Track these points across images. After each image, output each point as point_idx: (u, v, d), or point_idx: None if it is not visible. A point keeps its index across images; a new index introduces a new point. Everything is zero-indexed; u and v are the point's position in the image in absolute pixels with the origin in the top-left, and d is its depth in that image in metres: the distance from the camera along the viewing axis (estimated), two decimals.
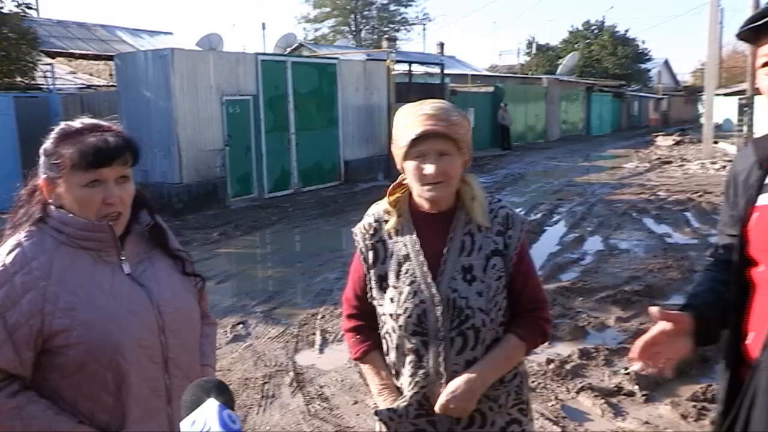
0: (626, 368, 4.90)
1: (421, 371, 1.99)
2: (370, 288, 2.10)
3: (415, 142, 1.92)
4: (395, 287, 2.02)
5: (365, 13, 51.09)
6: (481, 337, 1.97)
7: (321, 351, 5.66)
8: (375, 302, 2.10)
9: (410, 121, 1.95)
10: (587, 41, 53.00)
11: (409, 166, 1.97)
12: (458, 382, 1.93)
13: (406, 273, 2.01)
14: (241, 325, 6.25)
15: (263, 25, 43.49)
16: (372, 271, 2.09)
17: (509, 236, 2.02)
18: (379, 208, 2.14)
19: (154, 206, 1.99)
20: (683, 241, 9.61)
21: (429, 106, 1.97)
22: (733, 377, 1.79)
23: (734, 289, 1.80)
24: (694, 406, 4.36)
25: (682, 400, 4.47)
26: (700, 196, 13.75)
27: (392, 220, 2.07)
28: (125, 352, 1.74)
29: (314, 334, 6.02)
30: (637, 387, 4.62)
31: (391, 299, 2.03)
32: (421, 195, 2.00)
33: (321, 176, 16.38)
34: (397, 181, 2.10)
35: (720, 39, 38.04)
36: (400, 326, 2.00)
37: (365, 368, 2.16)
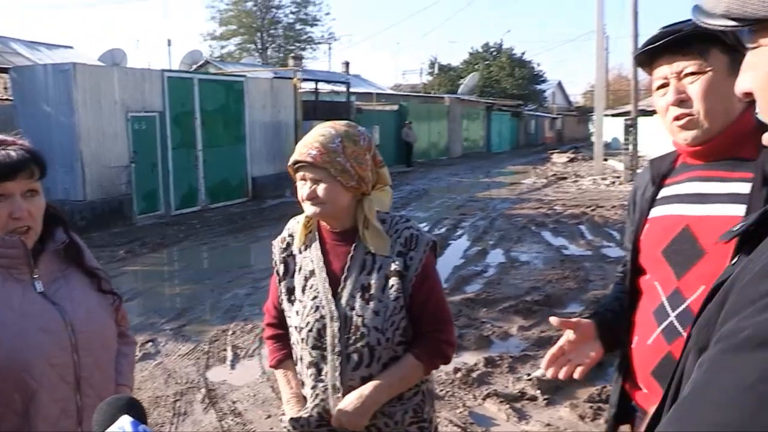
0: (529, 374, 5.07)
1: (320, 384, 2.03)
2: (281, 300, 2.15)
3: (296, 167, 2.02)
4: (300, 301, 2.07)
5: (271, 31, 50.79)
6: (376, 355, 1.99)
7: (233, 367, 5.59)
8: (285, 314, 2.14)
9: (299, 144, 2.02)
10: (486, 62, 54.42)
11: (297, 185, 2.05)
12: (351, 397, 1.97)
13: (310, 288, 2.05)
14: (150, 343, 6.09)
15: (168, 41, 42.39)
16: (282, 284, 2.14)
17: (410, 257, 2.01)
18: (295, 222, 2.18)
19: (69, 223, 1.95)
20: (578, 253, 9.94)
21: (316, 132, 2.02)
22: (625, 380, 1.91)
23: (627, 296, 1.91)
24: (591, 407, 4.55)
25: (580, 402, 4.66)
26: (593, 210, 14.30)
27: (302, 236, 2.12)
28: (34, 371, 1.69)
29: (225, 350, 5.93)
30: (539, 392, 4.78)
31: (297, 312, 2.07)
32: (305, 210, 2.06)
33: (229, 193, 16.15)
34: None
35: (606, 64, 39.86)
36: (302, 339, 2.05)
37: (278, 376, 2.20)
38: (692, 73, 1.70)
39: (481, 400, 4.74)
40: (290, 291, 2.11)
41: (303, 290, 2.07)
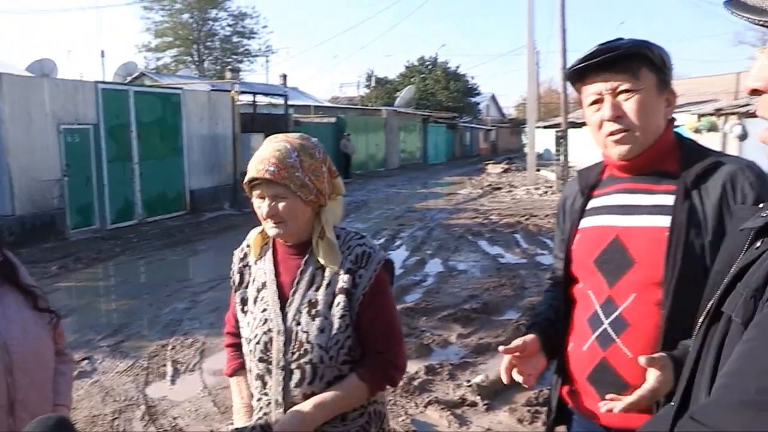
0: (468, 381, 5.13)
1: (265, 397, 1.99)
2: (236, 310, 2.12)
3: (253, 184, 1.94)
4: (252, 312, 2.04)
5: (208, 43, 50.09)
6: (318, 372, 1.94)
7: (173, 382, 5.47)
8: (239, 324, 2.11)
9: (253, 160, 1.95)
10: (422, 76, 55.00)
11: (254, 202, 1.98)
12: (290, 414, 1.93)
13: (261, 300, 2.02)
14: (86, 361, 5.89)
15: (102, 52, 41.42)
16: (237, 294, 2.12)
17: (360, 275, 1.96)
18: (254, 232, 2.12)
19: (3, 240, 1.89)
20: (514, 261, 10.10)
21: (271, 146, 1.95)
22: (562, 384, 1.97)
23: (562, 304, 1.96)
24: (529, 411, 4.63)
25: (518, 406, 4.73)
26: (527, 219, 14.55)
27: (256, 247, 2.09)
28: None
29: (165, 365, 5.81)
30: (478, 397, 4.83)
31: (248, 323, 2.04)
32: (267, 231, 2.01)
33: (166, 206, 15.85)
34: None
35: (538, 78, 40.73)
36: (250, 351, 2.01)
37: (232, 385, 2.18)
38: (626, 91, 1.75)
39: (423, 407, 4.77)
40: (243, 302, 2.09)
41: (255, 302, 2.04)
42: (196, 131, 16.92)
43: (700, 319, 1.01)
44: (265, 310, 2.00)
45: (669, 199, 1.75)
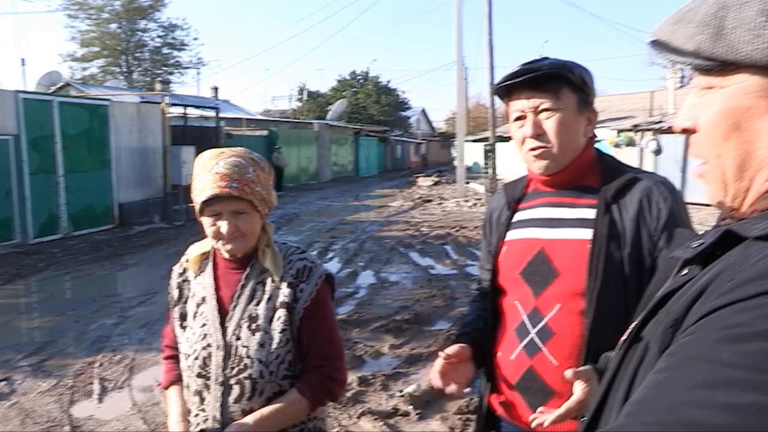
0: (401, 391, 5.14)
1: (202, 413, 1.95)
2: (174, 326, 2.10)
3: (208, 202, 1.87)
4: (191, 327, 2.01)
5: (137, 54, 48.96)
6: (258, 388, 1.91)
7: (100, 400, 5.28)
8: (178, 340, 2.08)
9: (205, 177, 1.87)
10: (354, 90, 55.18)
11: (206, 221, 1.91)
12: (230, 429, 1.89)
13: (201, 315, 1.99)
14: (3, 383, 5.60)
15: (23, 61, 40.00)
16: (176, 309, 2.08)
17: (300, 289, 1.95)
18: (194, 248, 2.09)
19: None
20: (445, 272, 10.18)
21: (224, 162, 1.88)
22: (491, 392, 2.01)
23: (490, 314, 2.00)
24: (460, 419, 4.68)
25: (449, 414, 4.76)
26: (457, 230, 14.72)
27: (196, 261, 2.06)
28: None
29: (92, 383, 5.60)
30: (411, 407, 4.85)
31: (186, 339, 2.01)
32: (218, 249, 1.97)
33: (93, 220, 15.36)
34: None
35: (466, 92, 41.36)
36: (188, 366, 1.98)
37: (168, 396, 2.12)
38: (547, 110, 1.82)
39: (356, 418, 4.75)
40: (182, 317, 2.06)
41: (194, 317, 2.01)
42: (125, 143, 16.48)
43: (622, 339, 1.02)
44: (204, 325, 1.97)
45: (591, 213, 1.83)
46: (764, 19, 0.78)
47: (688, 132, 0.93)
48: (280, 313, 1.93)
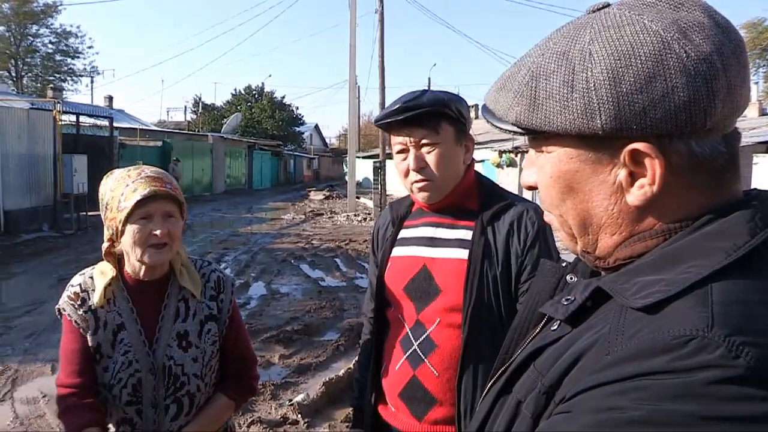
0: (290, 400, 5.14)
1: None
2: (80, 360, 1.87)
3: (142, 203, 1.78)
4: (110, 357, 1.85)
5: (28, 59, 46.36)
6: (196, 401, 1.92)
7: None
8: (88, 376, 1.87)
9: (131, 184, 1.80)
10: (249, 104, 54.41)
11: (132, 228, 1.80)
12: None
13: (121, 342, 1.86)
14: None
15: None
16: (89, 340, 1.87)
17: (221, 300, 1.99)
18: (85, 278, 1.93)
19: None
20: (334, 284, 10.20)
21: (149, 170, 1.86)
22: (375, 402, 2.07)
23: (375, 326, 2.07)
24: (347, 426, 4.72)
25: (337, 422, 4.81)
26: (347, 244, 14.77)
27: (102, 290, 1.87)
28: None
29: None
30: (299, 416, 4.85)
31: (105, 369, 1.86)
32: (142, 260, 1.84)
33: None
34: (105, 249, 1.90)
35: (358, 110, 41.79)
36: (114, 396, 1.84)
37: None
38: (428, 144, 1.87)
39: (246, 427, 4.70)
40: (95, 349, 1.86)
41: (113, 346, 1.85)
42: (14, 150, 15.54)
43: (489, 383, 1.00)
44: (127, 352, 1.85)
45: (468, 234, 1.90)
46: (568, 90, 0.78)
47: (533, 188, 0.94)
48: (210, 326, 1.95)
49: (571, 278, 0.99)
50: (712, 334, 0.64)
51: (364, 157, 40.57)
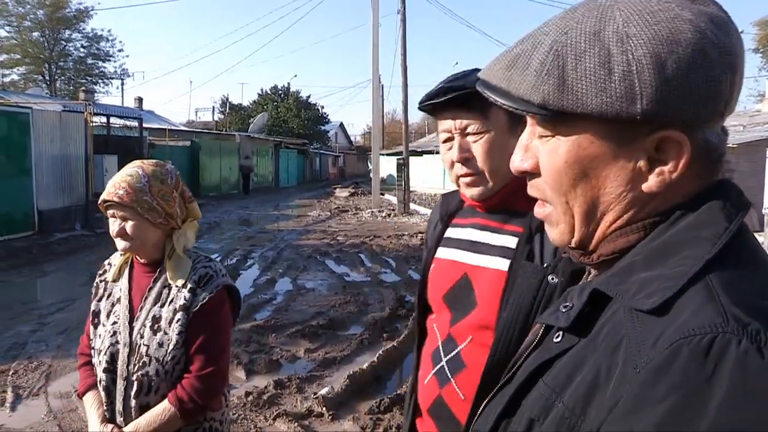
0: (315, 393, 5.12)
1: (109, 406, 2.02)
2: (88, 323, 2.14)
3: (104, 205, 2.00)
4: (104, 326, 2.06)
5: (61, 63, 47.03)
6: (153, 385, 1.95)
7: (13, 409, 4.99)
8: (91, 337, 2.13)
9: (108, 183, 2.00)
10: (275, 103, 54.67)
11: (110, 221, 2.02)
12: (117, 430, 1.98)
13: (113, 314, 2.05)
14: None
15: None
16: (91, 306, 2.14)
17: (197, 293, 1.98)
18: (116, 254, 2.17)
19: None
20: (359, 279, 10.20)
21: (124, 172, 2.00)
22: (414, 413, 1.80)
23: (417, 330, 1.82)
24: (371, 419, 4.70)
25: (361, 414, 4.78)
26: (371, 239, 14.76)
27: (118, 266, 2.12)
28: None
29: (5, 391, 5.29)
30: (324, 408, 4.83)
31: (99, 336, 2.07)
32: (117, 245, 2.04)
33: (11, 226, 14.58)
34: None
35: (382, 109, 41.78)
36: (99, 362, 2.03)
37: (85, 402, 2.12)
38: (475, 132, 1.60)
39: (272, 420, 4.70)
40: (96, 314, 2.11)
41: (108, 316, 2.06)
42: (47, 151, 15.76)
43: (487, 400, 0.95)
44: (115, 323, 2.03)
45: (513, 242, 1.59)
46: (605, 71, 0.74)
47: (527, 174, 0.89)
48: (179, 316, 1.96)
49: (552, 279, 0.97)
50: (731, 328, 0.65)
51: (388, 155, 40.53)
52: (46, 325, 7.30)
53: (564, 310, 0.83)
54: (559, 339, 0.84)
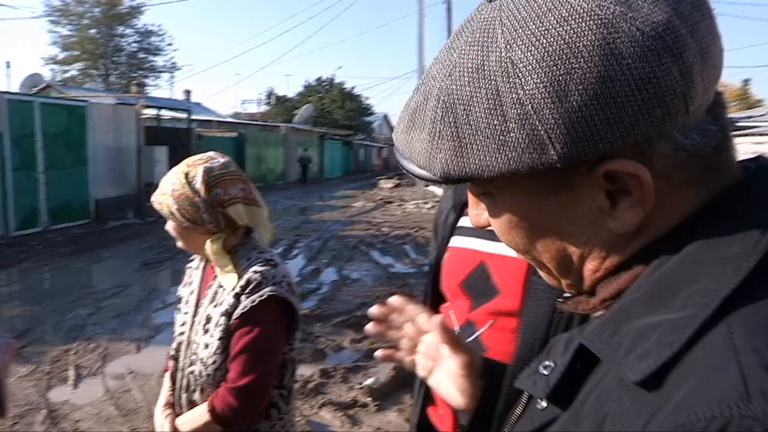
0: (360, 384, 5.16)
1: (173, 393, 2.03)
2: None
3: None
4: (181, 312, 2.09)
5: (114, 58, 48.14)
6: (198, 385, 1.92)
7: (75, 386, 5.22)
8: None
9: None
10: (320, 95, 54.89)
11: None
12: (167, 422, 1.99)
13: (187, 304, 2.07)
14: None
15: (8, 63, 39.13)
16: (179, 289, 2.18)
17: (241, 300, 1.87)
18: None
19: None
20: (404, 270, 10.19)
21: (167, 176, 1.98)
22: (424, 404, 1.77)
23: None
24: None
25: (406, 406, 4.79)
26: (416, 231, 14.68)
27: (200, 258, 2.14)
28: None
29: (67, 370, 5.53)
30: (369, 399, 4.87)
31: (177, 321, 2.10)
32: None
33: (71, 214, 15.05)
34: None
35: None
36: (171, 347, 2.06)
37: (165, 380, 2.16)
38: None
39: (318, 408, 4.76)
40: (180, 299, 2.14)
41: (186, 303, 2.08)
42: (102, 143, 16.20)
43: None
44: (186, 313, 2.04)
45: None
46: (499, 119, 0.57)
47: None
48: (222, 320, 1.88)
49: (563, 300, 0.73)
50: (754, 409, 0.44)
51: None
52: (102, 309, 7.52)
53: (544, 373, 0.65)
54: (543, 407, 0.68)
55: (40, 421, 4.54)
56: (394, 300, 1.22)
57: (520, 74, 0.55)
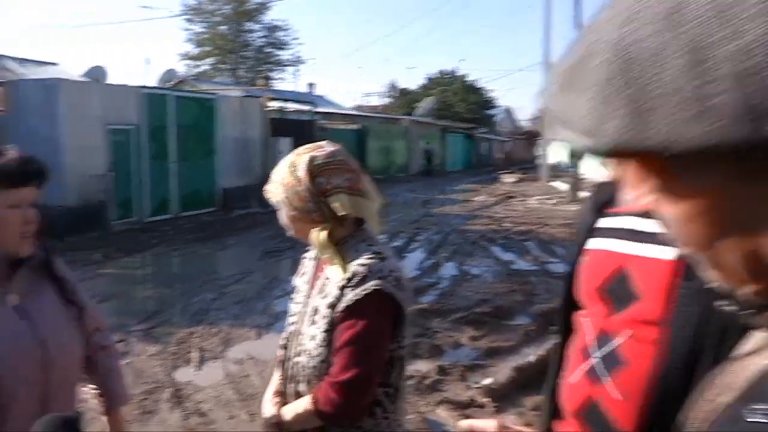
0: (478, 383, 5.03)
1: (282, 382, 2.01)
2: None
3: None
4: (294, 302, 2.07)
5: (243, 53, 50.49)
6: (302, 376, 1.89)
7: (198, 368, 5.44)
8: None
9: None
10: (442, 88, 54.86)
11: None
12: (274, 410, 1.96)
13: (300, 293, 2.05)
14: (121, 343, 5.87)
15: (147, 60, 42.07)
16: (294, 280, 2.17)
17: (345, 293, 1.81)
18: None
19: (45, 232, 1.83)
20: (526, 268, 9.92)
21: (278, 166, 1.99)
22: (552, 415, 1.66)
23: (562, 328, 1.70)
24: (536, 415, 4.52)
25: (525, 410, 4.62)
26: (539, 227, 14.30)
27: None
28: (5, 387, 1.57)
29: (191, 352, 5.78)
30: (487, 399, 4.73)
31: (290, 311, 2.08)
32: None
33: (200, 202, 15.89)
34: None
35: None
36: (282, 336, 2.04)
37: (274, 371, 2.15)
38: None
39: (434, 406, 4.68)
40: (294, 289, 2.12)
41: (299, 293, 2.06)
42: (229, 134, 16.97)
43: None
44: (298, 303, 2.03)
45: None
46: (698, 80, 0.44)
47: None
48: (326, 312, 1.84)
49: (722, 305, 0.59)
50: None
51: (558, 140, 39.23)
52: (225, 294, 7.82)
53: (763, 420, 0.51)
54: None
55: (165, 399, 4.76)
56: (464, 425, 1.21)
57: (736, 17, 0.42)
